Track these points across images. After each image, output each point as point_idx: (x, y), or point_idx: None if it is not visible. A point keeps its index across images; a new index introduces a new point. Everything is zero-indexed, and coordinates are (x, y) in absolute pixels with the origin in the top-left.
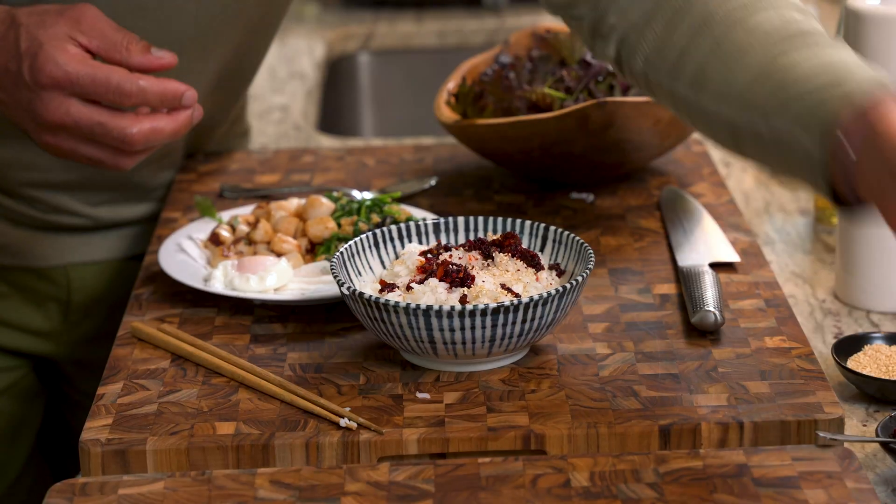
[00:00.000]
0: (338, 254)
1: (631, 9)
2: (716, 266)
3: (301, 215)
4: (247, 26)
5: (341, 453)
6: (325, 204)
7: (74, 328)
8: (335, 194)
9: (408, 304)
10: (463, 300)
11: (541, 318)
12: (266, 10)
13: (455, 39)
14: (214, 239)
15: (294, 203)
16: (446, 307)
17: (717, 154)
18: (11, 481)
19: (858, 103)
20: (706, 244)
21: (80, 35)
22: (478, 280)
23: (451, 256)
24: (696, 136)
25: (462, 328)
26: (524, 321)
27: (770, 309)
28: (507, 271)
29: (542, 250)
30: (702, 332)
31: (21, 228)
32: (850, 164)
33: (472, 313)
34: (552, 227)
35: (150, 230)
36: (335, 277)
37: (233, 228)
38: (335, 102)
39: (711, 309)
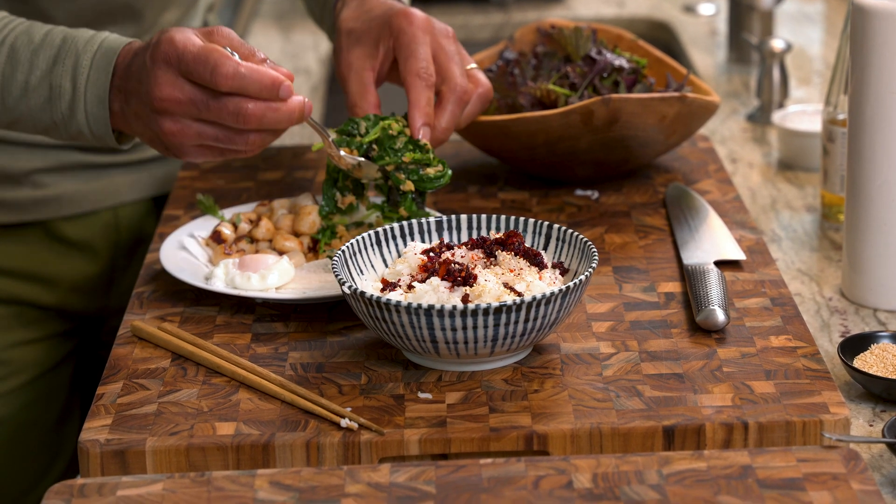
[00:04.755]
0: (339, 252)
1: None
2: (721, 264)
3: (292, 210)
4: None
5: (342, 454)
6: (314, 211)
7: (121, 273)
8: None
9: (409, 304)
10: (465, 299)
11: (543, 317)
12: None
13: (461, 35)
14: (216, 237)
15: (287, 202)
16: (448, 306)
17: (723, 150)
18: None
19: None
20: (712, 242)
21: (208, 35)
22: (480, 279)
23: (453, 255)
24: (702, 132)
25: (464, 328)
26: (527, 320)
27: (776, 308)
28: (510, 270)
29: (545, 248)
30: (707, 331)
31: (72, 176)
32: None
33: (475, 312)
34: (556, 225)
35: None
36: (336, 276)
37: (235, 226)
38: (340, 98)
39: (716, 307)
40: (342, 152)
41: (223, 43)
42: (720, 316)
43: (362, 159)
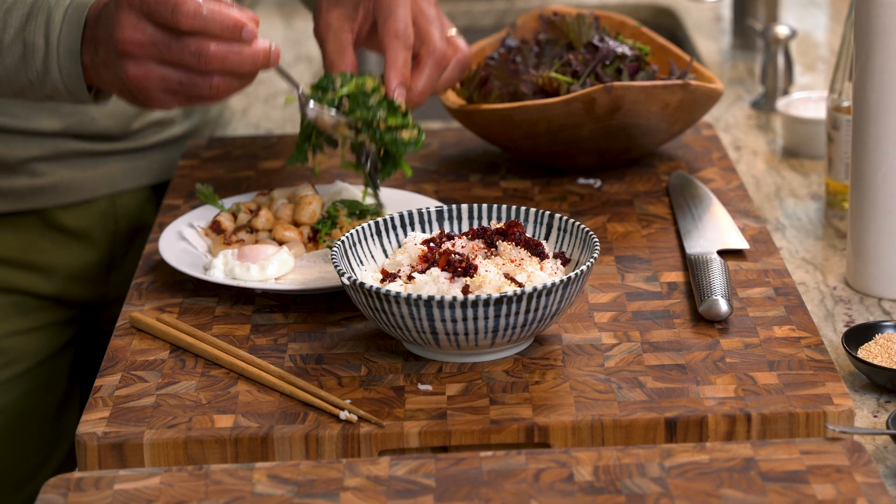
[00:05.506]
0: (339, 242)
1: None
2: (724, 253)
3: (292, 200)
4: None
5: (341, 447)
6: (315, 201)
7: (120, 261)
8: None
9: (409, 295)
10: (465, 290)
11: (545, 308)
12: None
13: (464, 21)
14: (216, 227)
15: (287, 192)
16: (448, 297)
17: (727, 138)
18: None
19: None
20: (715, 231)
21: None
22: (480, 269)
23: (453, 245)
24: (705, 119)
25: (464, 319)
26: (527, 311)
27: (779, 297)
28: (511, 260)
29: (546, 238)
30: (709, 322)
31: (69, 164)
32: None
33: (475, 304)
34: (557, 215)
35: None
36: (336, 267)
37: (234, 216)
38: None
39: (719, 297)
40: (312, 104)
41: None
42: (723, 306)
43: (334, 111)
